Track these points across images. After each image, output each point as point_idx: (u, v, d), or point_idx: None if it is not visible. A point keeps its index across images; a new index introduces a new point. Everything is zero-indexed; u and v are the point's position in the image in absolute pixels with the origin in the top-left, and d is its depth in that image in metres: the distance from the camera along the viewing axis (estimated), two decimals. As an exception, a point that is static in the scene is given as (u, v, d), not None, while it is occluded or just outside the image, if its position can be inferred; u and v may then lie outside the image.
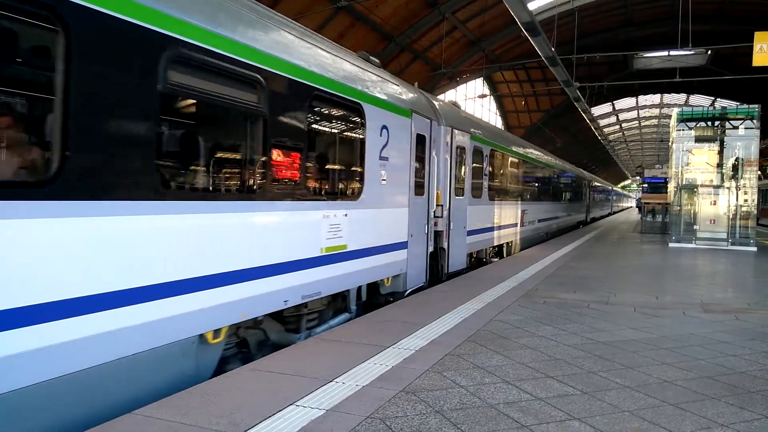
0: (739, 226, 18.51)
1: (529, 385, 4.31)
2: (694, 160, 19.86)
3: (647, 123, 61.04)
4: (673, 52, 22.50)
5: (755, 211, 19.52)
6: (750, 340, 5.96)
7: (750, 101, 20.54)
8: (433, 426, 3.49)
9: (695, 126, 18.92)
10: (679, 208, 19.72)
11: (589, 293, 8.63)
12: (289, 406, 3.73)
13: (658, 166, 34.66)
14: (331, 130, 6.67)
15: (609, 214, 51.95)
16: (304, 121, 5.59)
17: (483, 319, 6.52)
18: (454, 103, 11.77)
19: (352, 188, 6.81)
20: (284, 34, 5.47)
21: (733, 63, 32.39)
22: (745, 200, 18.95)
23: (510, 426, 3.53)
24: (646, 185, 31.41)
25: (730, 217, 18.41)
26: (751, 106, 18.28)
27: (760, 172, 26.23)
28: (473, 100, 37.77)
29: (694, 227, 18.76)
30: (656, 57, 25.53)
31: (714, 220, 18.47)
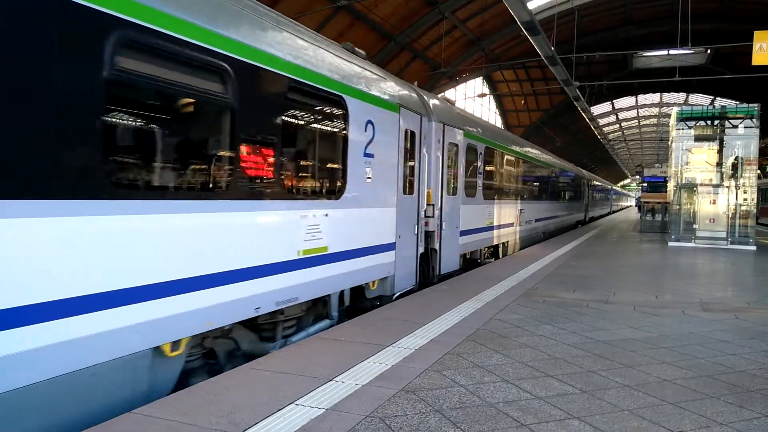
0: (739, 225, 18.54)
1: (528, 384, 4.32)
2: (694, 159, 19.88)
3: (647, 122, 61.05)
4: (672, 51, 22.49)
5: (755, 210, 19.54)
6: (749, 339, 5.97)
7: (749, 100, 20.55)
8: (433, 425, 3.49)
9: (695, 125, 18.93)
10: (678, 207, 19.73)
11: (588, 292, 8.63)
12: (289, 405, 3.73)
13: (658, 165, 34.70)
14: (310, 124, 6.20)
15: (608, 213, 51.96)
16: (279, 115, 5.23)
17: (482, 318, 6.52)
18: (447, 99, 11.35)
19: (334, 187, 6.40)
20: (255, 20, 5.06)
21: (732, 62, 32.40)
22: (745, 199, 18.98)
23: (509, 425, 3.53)
24: (646, 184, 31.44)
25: (730, 216, 18.44)
26: (751, 105, 18.30)
27: (759, 171, 26.24)
28: (473, 100, 37.80)
29: (694, 226, 18.78)
30: (656, 56, 25.57)
31: (713, 219, 18.49)
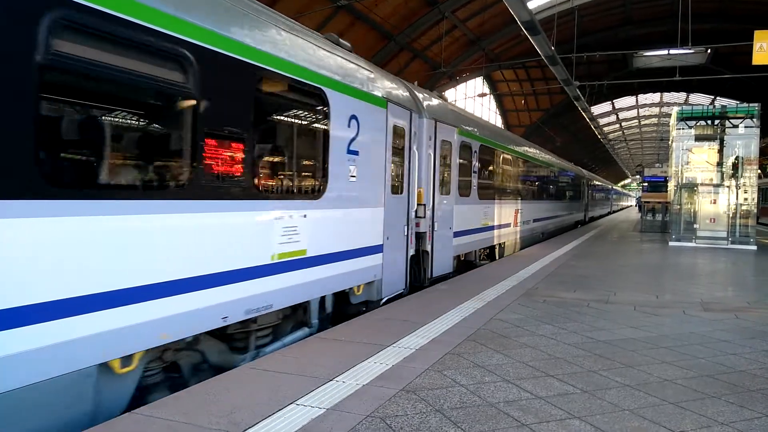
0: (739, 225, 18.55)
1: (529, 384, 4.31)
2: (694, 159, 19.89)
3: (647, 122, 61.04)
4: (672, 51, 22.47)
5: (755, 210, 19.54)
6: (750, 339, 5.96)
7: (750, 100, 20.55)
8: (434, 425, 3.49)
9: (695, 125, 18.94)
10: (679, 206, 19.73)
11: (589, 292, 8.63)
12: (290, 405, 3.73)
13: (658, 164, 34.67)
14: (285, 118, 5.78)
15: (608, 213, 51.93)
16: (249, 107, 4.84)
17: (483, 318, 6.52)
18: (440, 95, 10.96)
19: (313, 186, 6.00)
20: (221, 3, 4.70)
21: (732, 62, 32.37)
22: (745, 199, 18.98)
23: (510, 425, 3.53)
24: (646, 184, 31.44)
25: (730, 215, 18.44)
26: (751, 105, 18.30)
27: (759, 171, 26.23)
28: (473, 99, 37.81)
29: (694, 226, 18.78)
30: (656, 56, 25.54)
31: (714, 219, 18.48)
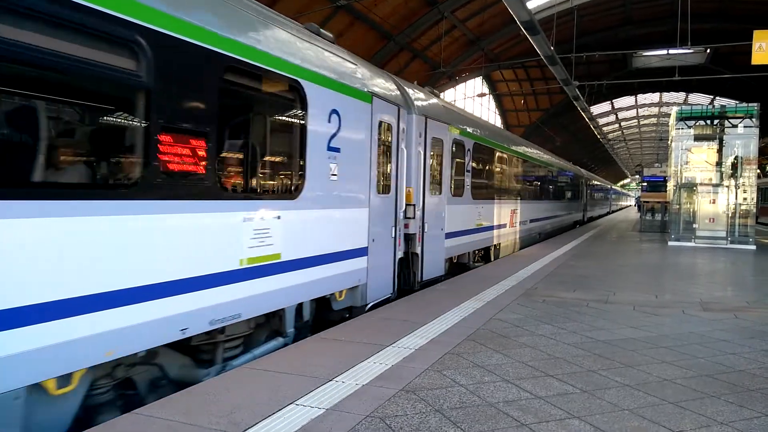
0: (739, 225, 18.57)
1: (528, 384, 4.32)
2: (694, 159, 19.91)
3: (646, 122, 61.07)
4: (672, 51, 22.49)
5: (754, 210, 19.56)
6: (749, 339, 5.97)
7: (749, 99, 20.57)
8: (433, 425, 3.49)
9: (694, 124, 18.96)
10: (678, 206, 19.75)
11: (588, 292, 8.63)
12: (289, 405, 3.73)
13: (658, 164, 34.66)
14: (257, 112, 5.40)
15: (607, 213, 51.92)
16: (214, 99, 4.43)
17: (482, 318, 6.52)
18: (432, 91, 10.55)
19: (288, 184, 5.64)
20: None
21: (732, 61, 32.38)
22: (744, 198, 19.00)
23: (510, 424, 3.54)
24: (646, 184, 31.45)
25: (730, 215, 18.46)
26: (750, 105, 18.32)
27: (759, 171, 26.26)
28: (472, 99, 37.82)
29: (694, 226, 18.80)
30: (655, 56, 25.56)
31: (713, 219, 18.50)
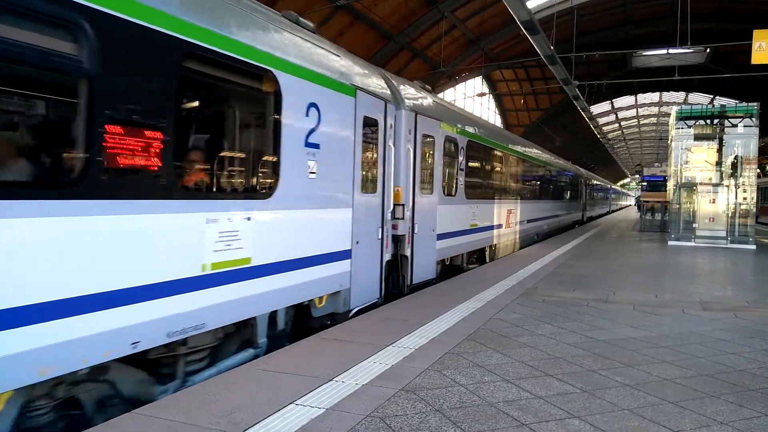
0: (738, 224, 18.57)
1: (528, 384, 4.32)
2: (693, 159, 19.91)
3: (646, 121, 61.06)
4: (672, 51, 22.47)
5: (754, 209, 19.56)
6: (749, 338, 5.97)
7: (749, 99, 20.57)
8: (433, 424, 3.49)
9: (694, 124, 18.96)
10: (678, 206, 19.75)
11: (588, 291, 8.63)
12: (289, 405, 3.73)
13: (658, 164, 34.65)
14: (223, 103, 5.05)
15: (607, 213, 51.89)
16: (171, 89, 4.06)
17: (482, 318, 6.52)
18: (423, 86, 10.24)
19: (260, 183, 5.29)
20: None
21: (731, 61, 32.37)
22: (744, 198, 19.00)
23: (510, 424, 3.54)
24: (646, 183, 31.45)
25: (729, 215, 18.46)
26: (750, 104, 18.32)
27: (759, 170, 26.25)
28: (472, 99, 37.82)
29: (694, 225, 18.80)
30: (655, 55, 25.52)
31: (713, 219, 18.50)
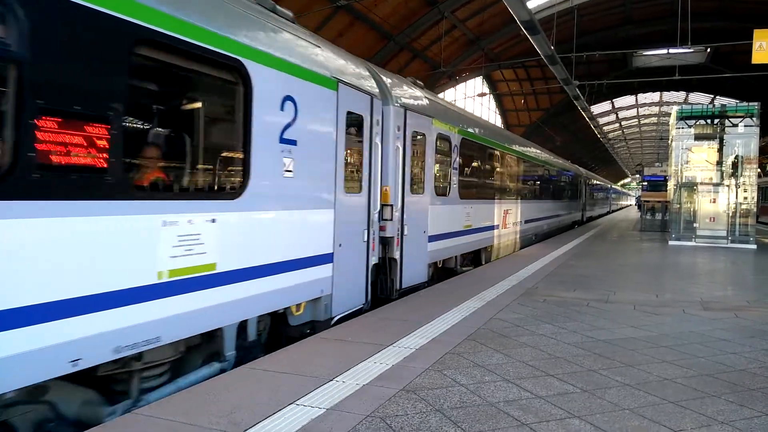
0: (739, 224, 18.56)
1: (529, 384, 4.32)
2: (694, 158, 19.89)
3: (647, 121, 61.05)
4: (672, 50, 22.45)
5: (755, 209, 19.55)
6: (750, 338, 5.97)
7: (749, 99, 20.54)
8: (434, 424, 3.49)
9: (695, 124, 18.95)
10: (678, 206, 19.74)
11: (588, 291, 8.63)
12: (289, 405, 3.73)
13: (658, 164, 34.66)
14: (183, 95, 4.67)
15: (607, 213, 51.84)
16: (120, 77, 3.69)
17: (483, 318, 6.52)
18: (415, 82, 9.82)
19: (227, 181, 4.98)
20: None
21: (732, 61, 32.36)
22: (745, 198, 19.00)
23: (510, 424, 3.54)
24: (646, 183, 31.45)
25: (730, 214, 18.46)
26: (751, 104, 18.30)
27: (759, 170, 26.24)
28: (473, 99, 37.82)
29: (694, 225, 18.80)
30: (655, 55, 25.52)
31: (714, 218, 18.50)
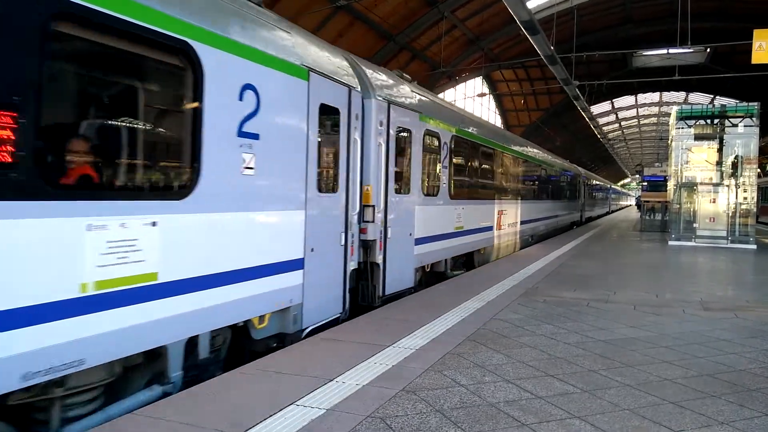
0: (739, 224, 18.57)
1: (529, 384, 4.32)
2: (694, 158, 19.90)
3: (646, 121, 61.06)
4: (672, 51, 22.43)
5: (755, 209, 19.56)
6: (750, 338, 5.97)
7: (749, 99, 20.56)
8: (434, 425, 3.49)
9: (694, 124, 18.95)
10: (678, 206, 19.75)
11: (588, 291, 8.63)
12: (290, 405, 3.73)
13: (658, 164, 34.67)
14: (115, 79, 4.15)
15: (606, 213, 51.80)
16: (32, 58, 3.24)
17: (483, 318, 6.52)
18: (402, 75, 9.27)
19: (171, 179, 4.46)
20: None
21: (732, 61, 32.35)
22: (745, 198, 19.01)
23: (510, 425, 3.54)
24: (646, 183, 31.46)
25: (730, 215, 18.47)
26: (750, 104, 18.32)
27: (759, 170, 26.25)
28: (472, 99, 37.82)
29: (694, 225, 18.80)
30: (655, 55, 25.52)
31: (714, 218, 18.51)
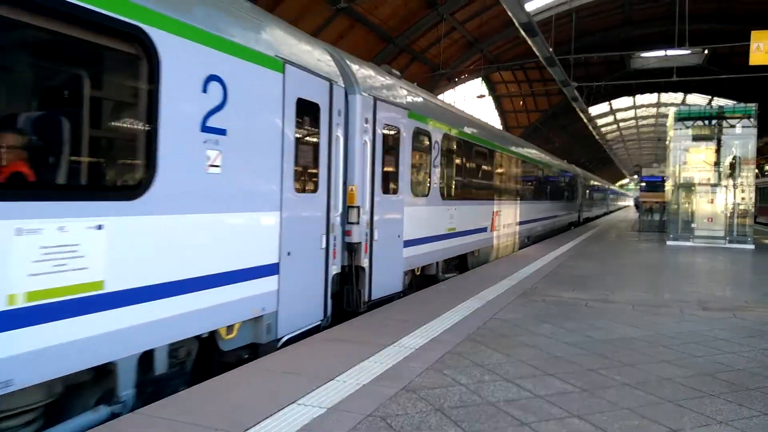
0: (737, 224, 18.60)
1: (528, 383, 4.33)
2: (692, 159, 19.94)
3: (644, 122, 61.12)
4: (670, 52, 22.52)
5: (752, 209, 19.61)
6: (748, 338, 5.99)
7: (747, 100, 20.62)
8: (434, 424, 3.51)
9: (692, 125, 19.00)
10: (676, 206, 19.79)
11: (587, 291, 8.65)
12: (290, 404, 3.74)
13: (656, 165, 34.74)
14: (54, 67, 3.94)
15: (605, 214, 51.81)
16: None
17: (482, 318, 6.54)
18: (390, 71, 8.86)
19: (121, 178, 4.16)
20: None
21: (729, 62, 32.39)
22: (743, 198, 19.06)
23: (510, 423, 3.55)
24: (644, 184, 31.52)
25: (728, 215, 18.50)
26: (748, 105, 18.38)
27: (757, 170, 26.31)
28: (472, 101, 37.90)
29: (692, 225, 18.84)
30: (653, 57, 25.60)
31: (712, 219, 18.55)
